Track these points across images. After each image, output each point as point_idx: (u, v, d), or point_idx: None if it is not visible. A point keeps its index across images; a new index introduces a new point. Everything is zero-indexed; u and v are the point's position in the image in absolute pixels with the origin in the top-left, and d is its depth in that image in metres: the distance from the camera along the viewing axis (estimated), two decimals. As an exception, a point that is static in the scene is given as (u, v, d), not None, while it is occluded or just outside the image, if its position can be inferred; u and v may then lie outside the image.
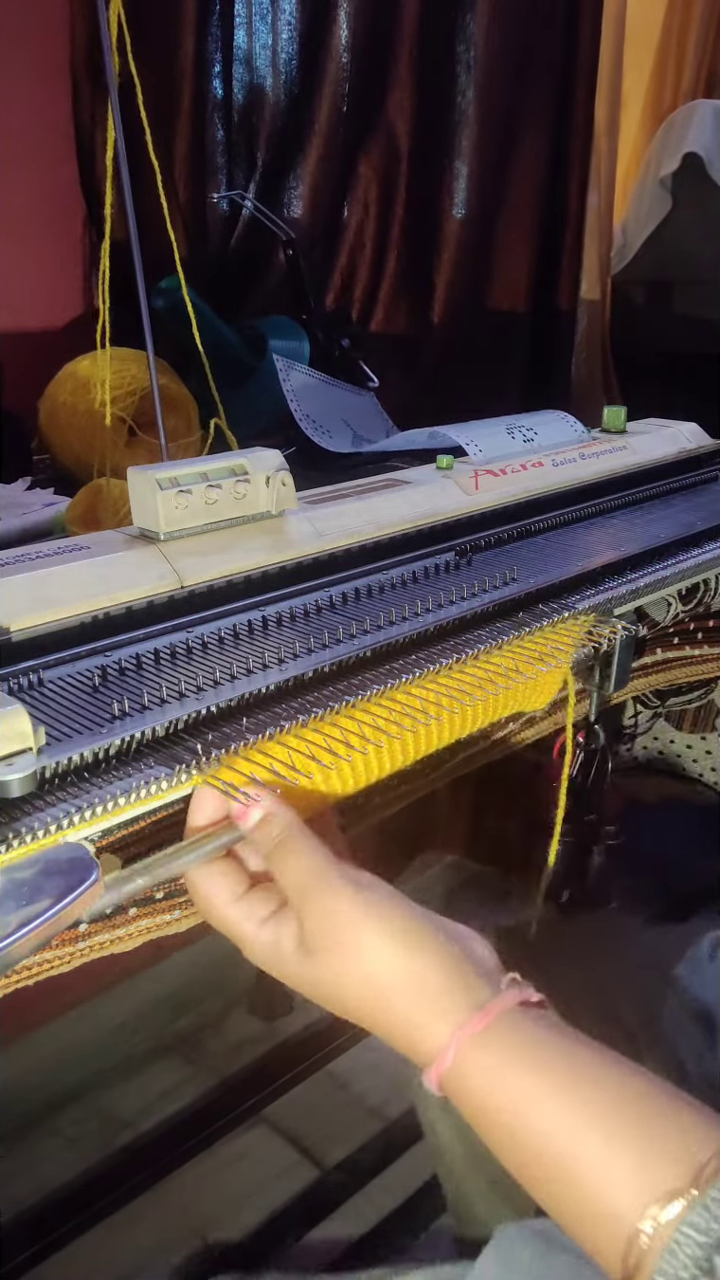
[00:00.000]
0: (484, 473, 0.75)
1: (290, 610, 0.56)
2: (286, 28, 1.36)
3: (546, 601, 0.60)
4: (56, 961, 0.44)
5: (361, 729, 0.47)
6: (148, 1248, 0.99)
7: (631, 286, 1.84)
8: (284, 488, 0.62)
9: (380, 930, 0.40)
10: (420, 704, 0.49)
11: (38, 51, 1.24)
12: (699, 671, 0.78)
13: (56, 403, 1.06)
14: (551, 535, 0.72)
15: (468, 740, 0.60)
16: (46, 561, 0.54)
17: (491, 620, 0.57)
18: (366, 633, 0.53)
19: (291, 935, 0.41)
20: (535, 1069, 0.37)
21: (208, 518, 0.59)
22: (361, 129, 1.44)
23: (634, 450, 0.86)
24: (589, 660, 0.62)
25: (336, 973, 0.40)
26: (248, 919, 0.42)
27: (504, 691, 0.52)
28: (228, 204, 1.39)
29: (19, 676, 0.48)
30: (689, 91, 1.92)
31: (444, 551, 0.66)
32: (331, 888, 0.41)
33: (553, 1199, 0.36)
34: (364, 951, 0.40)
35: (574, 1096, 0.36)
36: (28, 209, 1.26)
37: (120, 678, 0.48)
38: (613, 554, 0.66)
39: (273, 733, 0.45)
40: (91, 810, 0.39)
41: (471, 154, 1.51)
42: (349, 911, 0.40)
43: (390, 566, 0.64)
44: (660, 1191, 0.33)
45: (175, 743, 0.44)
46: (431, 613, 0.56)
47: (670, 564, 0.66)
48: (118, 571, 0.55)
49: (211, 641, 0.53)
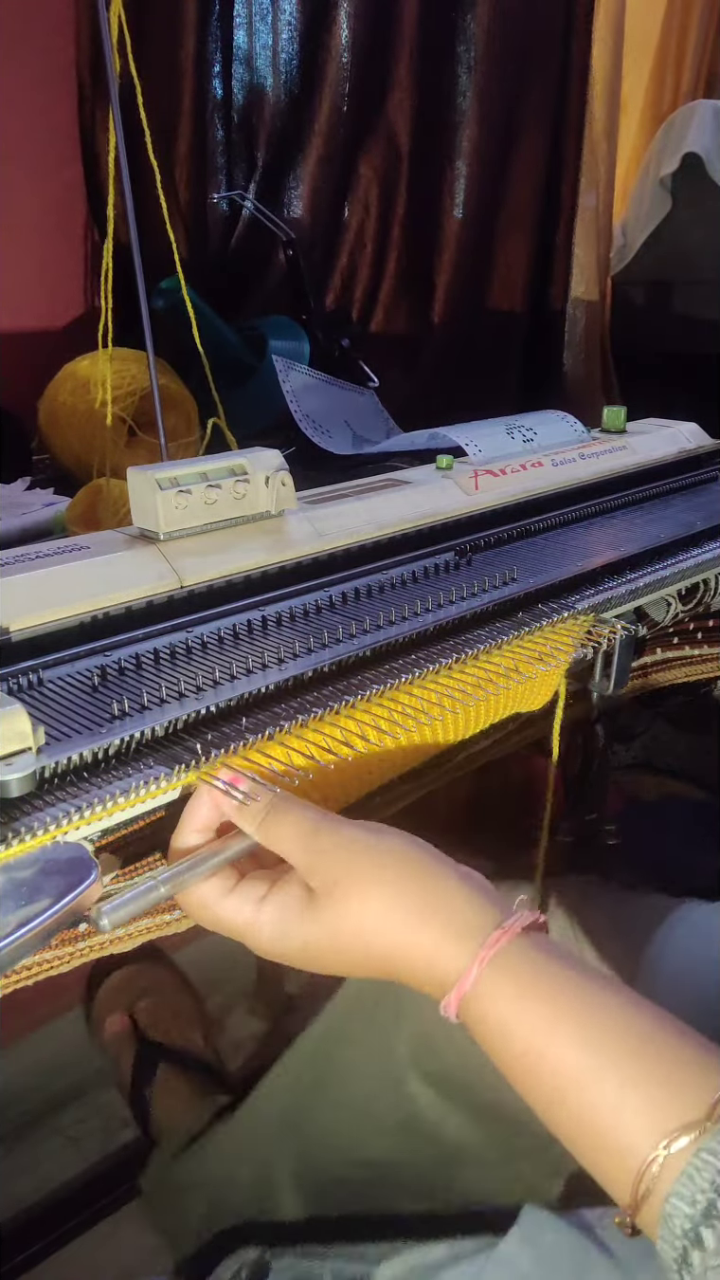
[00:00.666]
0: (484, 473, 0.75)
1: (290, 610, 0.56)
2: (287, 28, 1.36)
3: (546, 601, 0.60)
4: (56, 961, 0.44)
5: (362, 729, 0.47)
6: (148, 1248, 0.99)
7: (631, 286, 1.84)
8: (284, 488, 0.62)
9: (394, 855, 0.40)
10: (420, 704, 0.49)
11: (42, 54, 1.24)
12: (699, 671, 0.78)
13: (56, 403, 1.06)
14: (551, 535, 0.72)
15: (468, 740, 0.60)
16: (46, 561, 0.54)
17: (491, 620, 0.57)
18: (366, 632, 0.53)
19: (296, 897, 0.41)
20: (551, 1001, 0.37)
21: (207, 518, 0.59)
22: (361, 129, 1.44)
23: (634, 450, 0.86)
24: (589, 660, 0.62)
25: (355, 911, 0.39)
26: (245, 904, 0.42)
27: (504, 691, 0.52)
28: (228, 204, 1.39)
29: (19, 676, 0.48)
30: (689, 92, 1.92)
31: (444, 551, 0.66)
32: (331, 825, 0.41)
33: (570, 1135, 0.36)
34: (384, 876, 0.39)
35: (590, 1032, 0.36)
36: (29, 209, 1.27)
37: (120, 678, 0.49)
38: (612, 554, 0.66)
39: (272, 733, 0.45)
40: (91, 809, 0.39)
41: (471, 154, 1.51)
42: (357, 842, 0.40)
43: (390, 566, 0.64)
44: (675, 1125, 0.33)
45: (175, 743, 0.44)
46: (431, 613, 0.56)
47: (670, 564, 0.66)
48: (117, 571, 0.55)
49: (211, 641, 0.53)
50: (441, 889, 0.40)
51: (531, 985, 0.37)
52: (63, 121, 1.28)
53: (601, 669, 0.63)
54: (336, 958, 0.40)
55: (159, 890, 0.40)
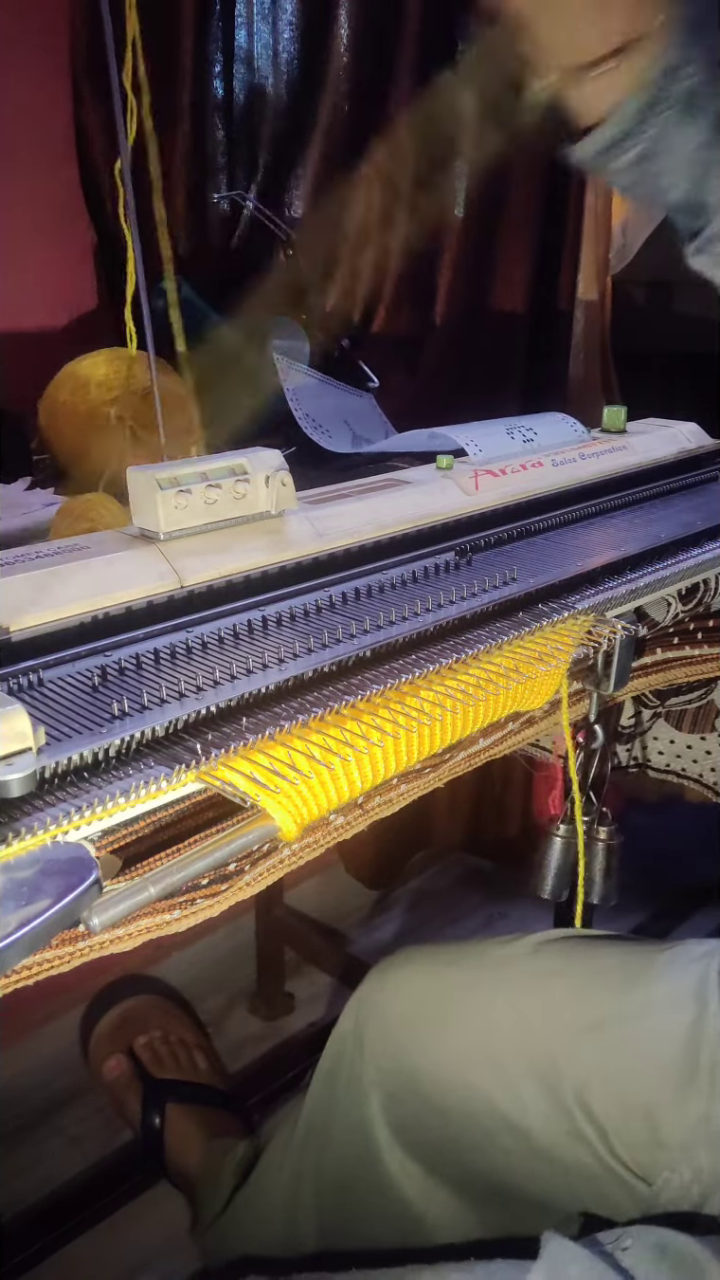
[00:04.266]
0: (484, 473, 0.75)
1: (290, 610, 0.56)
2: (288, 27, 1.36)
3: (546, 601, 0.60)
4: (56, 961, 0.44)
5: (363, 729, 0.47)
6: (149, 1247, 0.99)
7: (631, 286, 1.84)
8: (284, 488, 0.62)
9: None
10: (420, 704, 0.49)
11: (38, 54, 1.24)
12: (699, 671, 0.78)
13: (56, 403, 1.06)
14: (551, 535, 0.72)
15: (467, 740, 0.60)
16: (46, 561, 0.54)
17: (491, 620, 0.57)
18: (366, 632, 0.53)
19: None
20: None
21: (207, 518, 0.59)
22: (363, 129, 1.44)
23: (634, 450, 0.86)
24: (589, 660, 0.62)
25: None
26: None
27: (504, 691, 0.52)
28: (229, 204, 1.39)
29: (19, 676, 0.48)
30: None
31: (444, 551, 0.66)
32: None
33: None
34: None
35: None
36: (28, 210, 1.27)
37: (120, 678, 0.49)
38: (612, 554, 0.66)
39: (272, 733, 0.45)
40: (91, 809, 0.39)
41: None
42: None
43: (390, 566, 0.64)
44: None
45: (175, 743, 0.44)
46: (431, 613, 0.56)
47: (670, 564, 0.66)
48: (118, 571, 0.55)
49: (211, 641, 0.53)
50: None
51: None
52: (62, 121, 1.28)
53: (601, 669, 0.63)
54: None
55: (148, 891, 0.40)
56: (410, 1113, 0.70)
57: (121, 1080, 1.07)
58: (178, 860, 0.42)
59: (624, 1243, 0.49)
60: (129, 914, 0.40)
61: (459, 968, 0.73)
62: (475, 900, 1.46)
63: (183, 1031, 1.13)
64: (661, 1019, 0.62)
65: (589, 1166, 0.60)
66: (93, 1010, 1.15)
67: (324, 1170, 0.76)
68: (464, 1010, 0.69)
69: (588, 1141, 0.60)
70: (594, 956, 0.69)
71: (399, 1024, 0.72)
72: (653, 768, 1.03)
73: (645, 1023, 0.63)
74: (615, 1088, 0.61)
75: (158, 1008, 1.15)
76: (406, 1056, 0.70)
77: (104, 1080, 1.09)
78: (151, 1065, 1.07)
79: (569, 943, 0.71)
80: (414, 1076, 0.69)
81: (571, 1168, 0.61)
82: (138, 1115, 1.04)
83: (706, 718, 0.97)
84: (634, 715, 0.99)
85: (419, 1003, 0.72)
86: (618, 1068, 0.62)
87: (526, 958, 0.70)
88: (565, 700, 0.62)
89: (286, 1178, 0.79)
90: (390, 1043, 0.71)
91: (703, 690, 0.92)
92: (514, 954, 0.71)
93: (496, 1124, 0.64)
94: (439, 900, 1.47)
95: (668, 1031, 0.61)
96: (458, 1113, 0.67)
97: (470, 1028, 0.68)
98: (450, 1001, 0.70)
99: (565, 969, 0.69)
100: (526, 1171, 0.64)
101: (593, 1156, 0.60)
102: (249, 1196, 0.86)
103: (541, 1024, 0.65)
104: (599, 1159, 0.60)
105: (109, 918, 0.39)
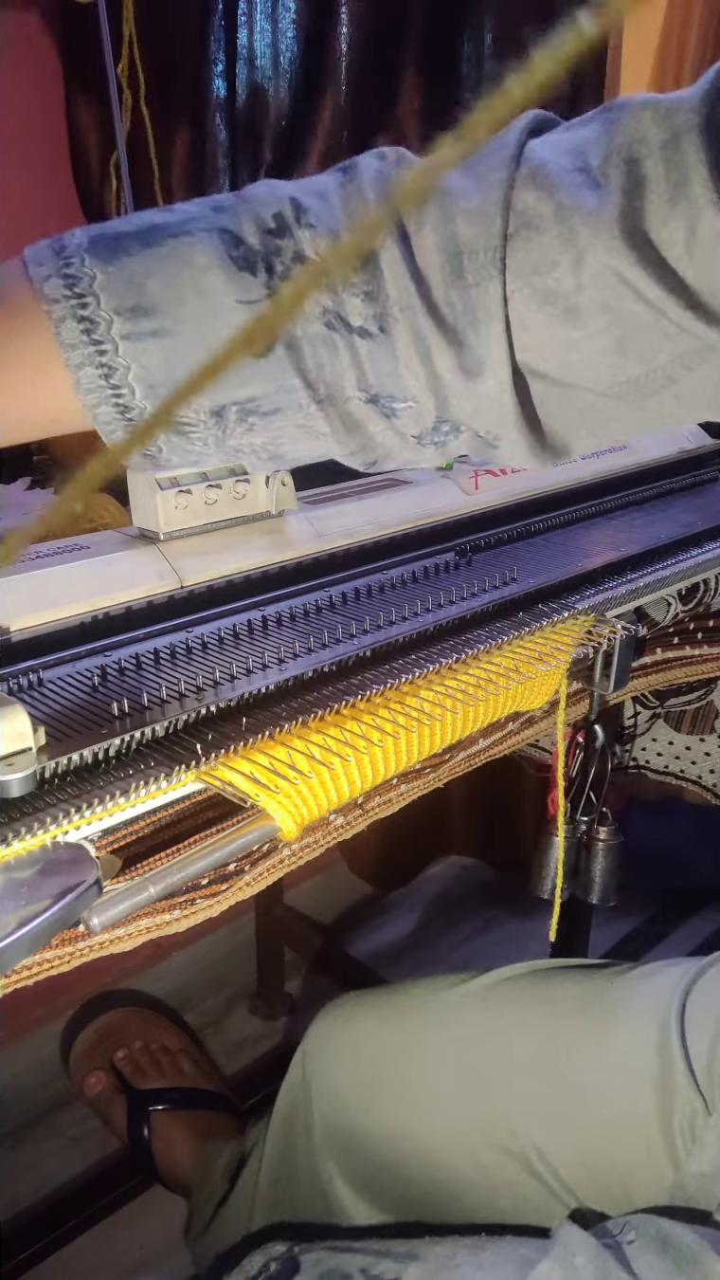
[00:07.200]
0: (484, 473, 0.75)
1: (290, 610, 0.56)
2: (291, 26, 1.36)
3: (546, 601, 0.60)
4: (56, 961, 0.44)
5: (363, 729, 0.47)
6: (149, 1247, 0.99)
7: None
8: (284, 488, 0.62)
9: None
10: (420, 704, 0.49)
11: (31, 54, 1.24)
12: (699, 671, 0.78)
13: (57, 403, 1.06)
14: (551, 535, 0.72)
15: (467, 740, 0.60)
16: (46, 561, 0.55)
17: (491, 620, 0.57)
18: (366, 632, 0.53)
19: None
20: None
21: (207, 518, 0.59)
22: (366, 129, 1.44)
23: (634, 450, 0.86)
24: (589, 660, 0.62)
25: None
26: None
27: (504, 692, 0.52)
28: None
29: (19, 676, 0.48)
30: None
31: (444, 551, 0.66)
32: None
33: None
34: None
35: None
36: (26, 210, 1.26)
37: (120, 677, 0.49)
38: (612, 554, 0.66)
39: (272, 733, 0.45)
40: (91, 809, 0.39)
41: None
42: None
43: (390, 566, 0.64)
44: None
45: (175, 743, 0.44)
46: (431, 613, 0.56)
47: (670, 564, 0.66)
48: (117, 571, 0.55)
49: (211, 641, 0.53)
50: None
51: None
52: (53, 123, 1.28)
53: (601, 669, 0.63)
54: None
55: (148, 891, 0.40)
56: (370, 1173, 0.70)
57: (104, 1096, 1.06)
58: (178, 860, 0.42)
59: (627, 1235, 0.49)
60: (129, 914, 0.40)
61: (403, 1024, 0.71)
62: (474, 903, 1.46)
63: (164, 1038, 1.12)
64: (624, 1079, 0.61)
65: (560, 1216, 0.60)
66: (69, 1031, 1.14)
67: (299, 1215, 0.75)
68: (412, 1074, 0.68)
69: (559, 1199, 0.61)
70: (549, 1001, 0.67)
71: (347, 1086, 0.71)
72: (652, 769, 1.03)
73: (608, 1080, 0.62)
74: (579, 1151, 0.61)
75: (135, 1018, 1.14)
76: (356, 1124, 0.70)
77: (86, 1099, 1.09)
78: (134, 1077, 1.06)
79: (521, 984, 0.70)
80: (366, 1142, 0.69)
81: (545, 1221, 0.61)
82: (125, 1128, 1.04)
83: (706, 719, 0.97)
84: (634, 715, 1.00)
85: (365, 1064, 0.71)
86: (579, 1132, 0.61)
87: (477, 1006, 0.69)
88: (564, 700, 0.62)
89: (258, 1218, 0.79)
90: (338, 1106, 0.71)
91: (702, 691, 0.92)
92: (464, 1001, 0.70)
93: (460, 1187, 0.64)
94: (438, 902, 1.47)
95: (632, 1090, 0.60)
96: (421, 1179, 0.66)
97: (421, 1094, 0.67)
98: (398, 1066, 0.69)
99: (519, 1020, 0.67)
100: (497, 1225, 0.64)
101: (564, 1209, 0.61)
102: (227, 1218, 0.86)
103: (496, 1086, 0.65)
104: (569, 1209, 0.60)
105: (109, 918, 0.39)
